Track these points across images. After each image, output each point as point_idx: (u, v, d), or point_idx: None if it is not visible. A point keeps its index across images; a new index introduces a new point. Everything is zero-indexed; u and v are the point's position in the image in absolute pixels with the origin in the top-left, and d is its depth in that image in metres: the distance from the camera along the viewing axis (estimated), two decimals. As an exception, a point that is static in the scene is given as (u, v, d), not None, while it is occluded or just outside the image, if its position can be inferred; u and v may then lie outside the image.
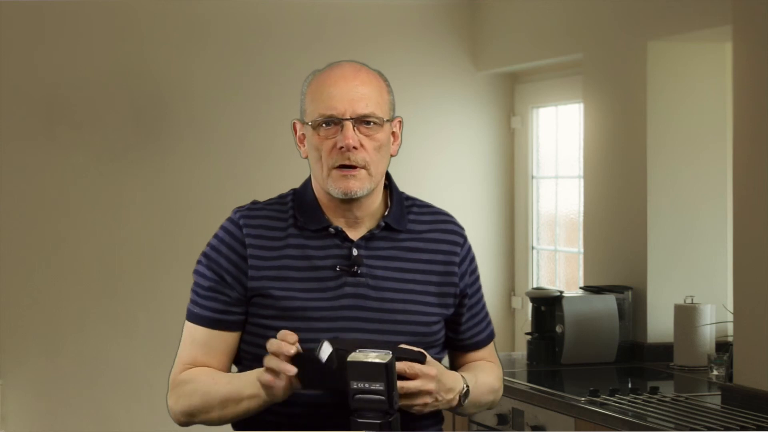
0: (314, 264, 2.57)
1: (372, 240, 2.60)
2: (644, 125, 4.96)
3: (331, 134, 2.54)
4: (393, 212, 2.63)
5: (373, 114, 2.55)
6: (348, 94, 2.54)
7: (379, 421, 2.32)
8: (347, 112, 2.53)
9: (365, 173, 2.55)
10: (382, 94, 2.59)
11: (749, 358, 3.98)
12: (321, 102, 2.55)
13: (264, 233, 2.59)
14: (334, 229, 2.59)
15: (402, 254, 2.61)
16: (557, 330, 4.83)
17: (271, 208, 2.64)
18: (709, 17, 4.61)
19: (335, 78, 2.57)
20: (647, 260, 4.94)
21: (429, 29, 6.15)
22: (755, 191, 3.97)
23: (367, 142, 2.55)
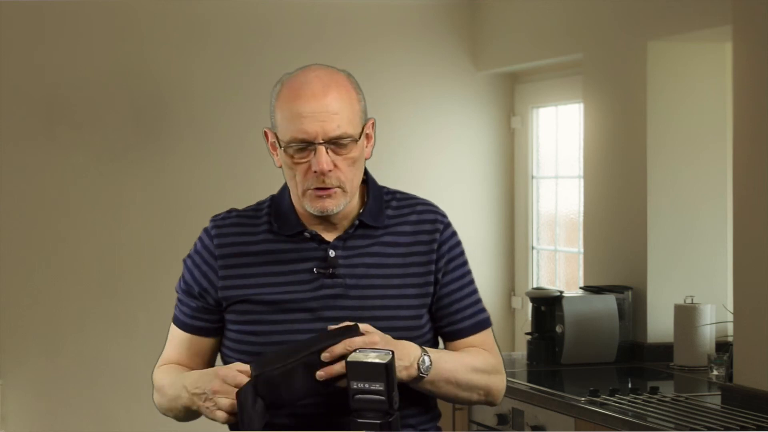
0: (292, 268, 2.56)
1: (349, 239, 2.58)
2: (644, 125, 4.96)
3: (304, 157, 2.50)
4: (368, 209, 2.60)
5: (345, 134, 2.50)
6: (319, 115, 2.48)
7: (379, 421, 2.32)
8: (319, 136, 2.48)
9: (340, 191, 2.52)
10: (353, 107, 2.53)
11: (749, 358, 3.98)
12: (292, 124, 2.50)
13: (237, 240, 2.59)
14: (309, 233, 2.57)
15: (381, 250, 2.58)
16: (557, 330, 4.83)
17: (246, 214, 2.63)
18: (709, 17, 4.61)
19: (305, 96, 2.49)
20: (647, 260, 4.94)
21: (429, 29, 6.15)
22: (755, 191, 3.97)
23: (340, 162, 2.51)
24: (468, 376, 2.57)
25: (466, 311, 2.65)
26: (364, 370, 2.31)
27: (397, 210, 2.64)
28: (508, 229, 6.24)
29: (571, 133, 5.83)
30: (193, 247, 2.65)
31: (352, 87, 2.55)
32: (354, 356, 2.32)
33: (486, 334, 2.68)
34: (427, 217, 2.64)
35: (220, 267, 2.58)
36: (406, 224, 2.62)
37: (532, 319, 4.96)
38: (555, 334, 4.85)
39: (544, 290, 5.03)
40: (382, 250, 2.59)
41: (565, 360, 4.82)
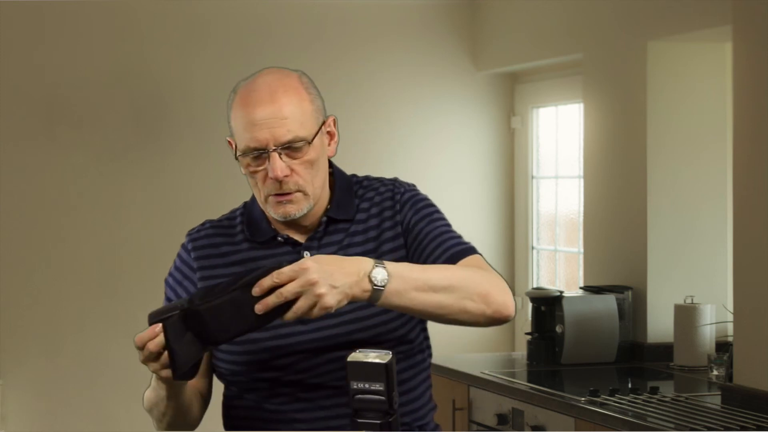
0: None
1: (323, 237, 2.55)
2: (644, 125, 4.96)
3: (260, 165, 2.48)
4: (335, 204, 2.56)
5: (297, 138, 2.46)
6: (267, 122, 2.45)
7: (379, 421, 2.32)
8: (270, 142, 2.45)
9: (300, 195, 2.49)
10: (303, 109, 2.48)
11: (749, 358, 3.98)
12: (244, 133, 2.48)
13: (213, 252, 2.58)
14: (282, 237, 2.55)
15: (353, 241, 2.55)
16: (557, 330, 4.83)
17: (221, 224, 2.62)
18: (709, 17, 4.61)
19: (253, 103, 2.47)
20: (647, 260, 4.94)
21: (429, 29, 6.15)
22: (755, 191, 3.97)
23: (297, 165, 2.48)
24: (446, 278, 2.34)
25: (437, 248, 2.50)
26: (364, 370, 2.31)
27: (362, 197, 2.60)
28: (508, 229, 6.24)
29: (571, 133, 5.83)
30: (173, 265, 2.66)
31: (303, 88, 2.51)
32: (354, 356, 2.32)
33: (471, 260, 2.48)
34: (387, 194, 2.59)
35: (199, 279, 2.58)
36: (373, 207, 2.58)
37: (532, 319, 4.96)
38: (555, 334, 4.85)
39: (544, 290, 5.03)
40: (351, 240, 2.55)
41: (565, 360, 4.82)
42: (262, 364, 2.51)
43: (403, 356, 2.55)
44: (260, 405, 2.54)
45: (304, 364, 2.50)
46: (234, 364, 2.54)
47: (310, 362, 2.50)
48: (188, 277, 2.61)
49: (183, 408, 2.52)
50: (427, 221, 2.54)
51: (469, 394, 4.72)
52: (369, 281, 2.26)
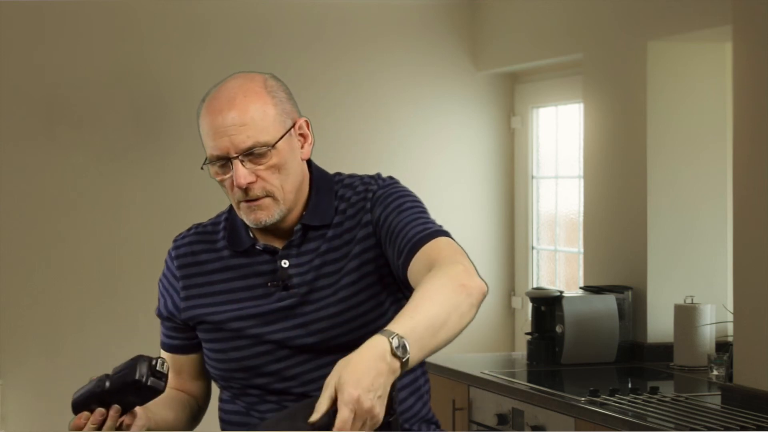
0: (248, 283, 2.52)
1: (302, 244, 2.50)
2: (644, 125, 4.96)
3: (227, 172, 2.47)
4: (311, 209, 2.51)
5: (257, 143, 2.42)
6: (226, 130, 2.43)
7: None
8: (230, 150, 2.44)
9: (270, 200, 2.45)
10: (265, 114, 2.43)
11: (749, 358, 3.98)
12: (207, 141, 2.49)
13: (195, 260, 2.57)
14: (260, 246, 2.52)
15: (330, 245, 2.49)
16: (557, 330, 4.83)
17: (205, 230, 2.61)
18: (709, 17, 4.61)
19: (213, 112, 2.47)
20: (647, 260, 4.94)
21: (429, 29, 6.15)
22: (755, 191, 3.97)
23: (262, 171, 2.44)
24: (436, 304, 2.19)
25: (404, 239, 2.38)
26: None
27: (342, 198, 2.53)
28: (508, 229, 6.24)
29: (571, 133, 5.83)
30: (162, 273, 2.66)
31: (266, 92, 2.46)
32: None
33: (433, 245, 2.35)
34: (362, 194, 2.51)
35: (181, 288, 2.57)
36: (348, 209, 2.51)
37: (532, 319, 4.96)
38: (555, 334, 4.85)
39: (544, 290, 5.03)
40: (329, 245, 2.49)
41: (565, 360, 4.82)
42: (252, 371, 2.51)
43: None
44: (254, 407, 2.54)
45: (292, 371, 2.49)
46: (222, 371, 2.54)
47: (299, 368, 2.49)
48: (172, 285, 2.61)
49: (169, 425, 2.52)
50: (396, 213, 2.44)
51: (469, 394, 4.72)
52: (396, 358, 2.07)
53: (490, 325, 6.14)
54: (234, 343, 2.50)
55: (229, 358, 2.51)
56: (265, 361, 2.49)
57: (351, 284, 2.47)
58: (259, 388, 2.51)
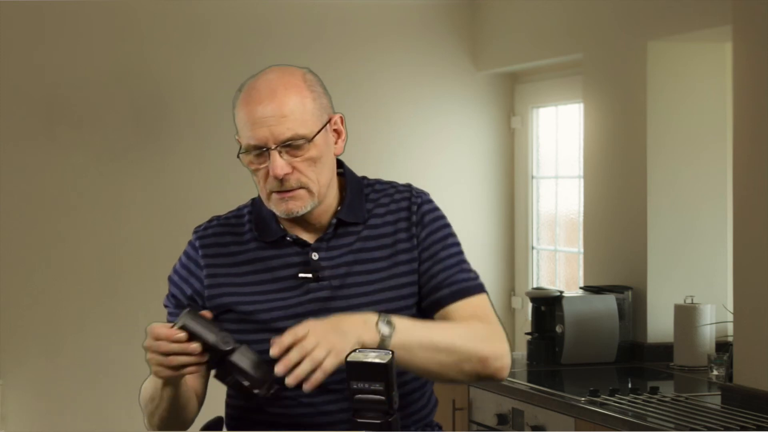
0: (277, 275, 2.53)
1: (331, 239, 2.54)
2: (644, 125, 4.96)
3: (262, 162, 2.49)
4: (346, 206, 2.56)
5: (296, 135, 2.46)
6: (267, 120, 2.46)
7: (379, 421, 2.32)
8: (269, 141, 2.46)
9: (303, 192, 2.49)
10: (304, 107, 2.48)
11: (749, 358, 3.98)
12: (245, 131, 2.49)
13: (221, 251, 2.57)
14: (291, 237, 2.55)
15: (363, 245, 2.54)
16: (557, 330, 4.83)
17: (229, 222, 2.61)
18: (709, 17, 4.61)
19: (254, 102, 2.48)
20: (647, 260, 4.94)
21: (429, 29, 6.15)
22: (755, 191, 3.97)
23: (298, 163, 2.47)
24: (449, 339, 2.41)
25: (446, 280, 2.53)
26: (364, 370, 2.31)
27: (375, 201, 2.59)
28: (508, 229, 6.24)
29: (571, 133, 5.83)
30: (179, 262, 2.65)
31: (306, 86, 2.51)
32: (353, 356, 2.32)
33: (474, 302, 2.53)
34: (403, 203, 2.59)
35: (206, 276, 2.57)
36: (388, 214, 2.57)
37: (532, 319, 4.96)
38: (555, 334, 4.85)
39: (544, 290, 5.03)
40: (365, 245, 2.54)
41: (565, 360, 4.82)
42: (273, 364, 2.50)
43: None
44: (263, 408, 2.54)
45: None
46: None
47: None
48: (194, 274, 2.60)
49: (179, 405, 2.51)
50: (442, 245, 2.55)
51: (469, 394, 4.72)
52: (377, 330, 2.33)
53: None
54: (259, 335, 2.49)
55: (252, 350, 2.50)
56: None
57: (386, 289, 2.52)
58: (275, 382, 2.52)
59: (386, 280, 2.52)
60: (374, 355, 2.32)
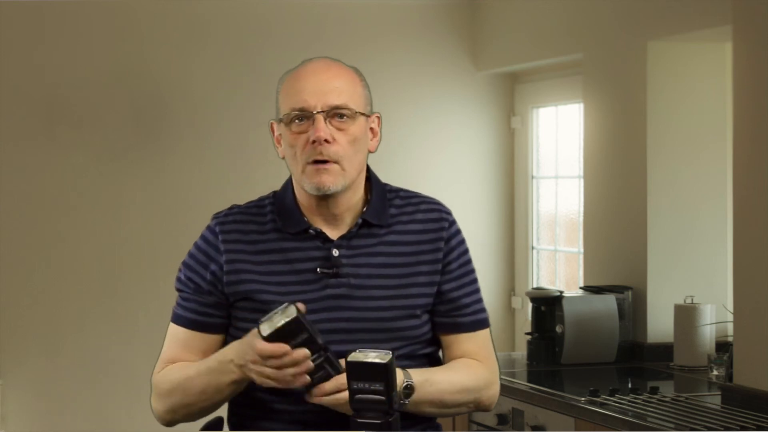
0: (296, 267, 2.55)
1: (353, 238, 2.56)
2: (644, 125, 4.96)
3: (304, 129, 2.52)
4: (372, 207, 2.59)
5: (345, 105, 2.53)
6: (319, 86, 2.53)
7: (379, 421, 2.32)
8: (318, 105, 2.51)
9: (338, 168, 2.52)
10: (355, 88, 2.57)
11: (749, 358, 3.98)
12: (292, 96, 2.54)
13: (241, 238, 2.57)
14: (314, 230, 2.56)
15: (386, 249, 2.57)
16: (557, 330, 4.83)
17: (249, 212, 2.62)
18: (709, 17, 4.61)
19: (307, 73, 2.57)
20: (647, 260, 4.94)
21: (429, 29, 6.15)
22: (755, 191, 3.97)
23: (339, 136, 2.52)
24: (455, 396, 2.56)
25: (468, 308, 2.62)
26: (364, 370, 2.31)
27: (400, 208, 2.63)
28: (508, 229, 6.24)
29: (571, 133, 5.83)
30: (195, 246, 2.64)
31: (358, 75, 2.61)
32: (354, 356, 2.32)
33: (484, 335, 2.66)
34: (433, 215, 2.63)
35: (225, 262, 2.56)
36: (412, 223, 2.61)
37: (532, 319, 4.96)
38: (555, 334, 4.85)
39: (544, 290, 5.03)
40: (386, 249, 2.57)
41: (565, 360, 4.82)
42: None
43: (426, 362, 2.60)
44: (268, 404, 2.54)
45: None
46: None
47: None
48: (213, 259, 2.58)
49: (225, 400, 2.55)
50: (467, 270, 2.63)
51: (469, 394, 4.71)
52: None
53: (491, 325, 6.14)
54: None
55: None
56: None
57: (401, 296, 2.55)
58: None
59: (403, 288, 2.55)
60: (374, 355, 2.32)
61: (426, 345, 2.61)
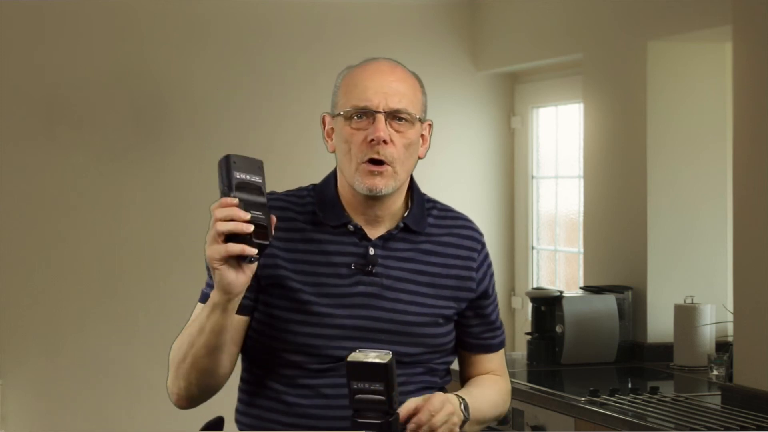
0: (330, 260, 2.56)
1: (390, 240, 2.60)
2: (644, 125, 4.96)
3: (362, 126, 2.54)
4: (413, 213, 2.63)
5: (406, 110, 2.55)
6: (383, 87, 2.55)
7: (379, 421, 2.32)
8: (381, 105, 2.53)
9: (391, 171, 2.55)
10: (416, 93, 2.60)
11: (749, 358, 3.98)
12: (355, 94, 2.55)
13: (279, 224, 2.53)
14: (353, 226, 2.58)
15: (419, 256, 2.61)
16: (557, 330, 4.83)
17: (289, 200, 2.63)
18: (709, 17, 4.61)
19: (371, 72, 2.59)
20: (647, 260, 4.94)
21: (429, 29, 6.15)
22: (755, 191, 3.97)
23: (397, 138, 2.55)
24: (491, 412, 2.69)
25: (494, 330, 2.74)
26: (364, 370, 2.31)
27: (438, 219, 2.68)
28: (508, 229, 6.24)
29: (571, 133, 5.83)
30: None
31: (418, 82, 2.64)
32: (353, 356, 2.32)
33: (503, 353, 2.80)
34: (467, 233, 2.69)
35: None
36: (448, 236, 2.66)
37: (532, 319, 4.96)
38: (555, 334, 4.85)
39: (544, 290, 5.03)
40: (420, 257, 2.61)
41: (565, 360, 4.82)
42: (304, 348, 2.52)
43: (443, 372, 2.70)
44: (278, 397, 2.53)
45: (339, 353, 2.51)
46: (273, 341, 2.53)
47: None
48: None
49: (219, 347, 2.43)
50: (492, 298, 2.73)
51: (469, 394, 4.72)
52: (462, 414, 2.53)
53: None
54: (299, 315, 2.52)
55: (289, 329, 2.52)
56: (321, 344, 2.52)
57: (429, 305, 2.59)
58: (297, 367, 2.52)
59: (430, 297, 2.60)
60: (374, 355, 2.32)
61: (445, 355, 2.67)
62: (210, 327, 2.41)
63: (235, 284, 2.33)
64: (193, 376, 2.48)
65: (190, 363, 2.46)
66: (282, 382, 2.53)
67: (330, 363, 2.52)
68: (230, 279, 2.32)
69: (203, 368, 2.46)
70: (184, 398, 2.52)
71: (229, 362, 2.51)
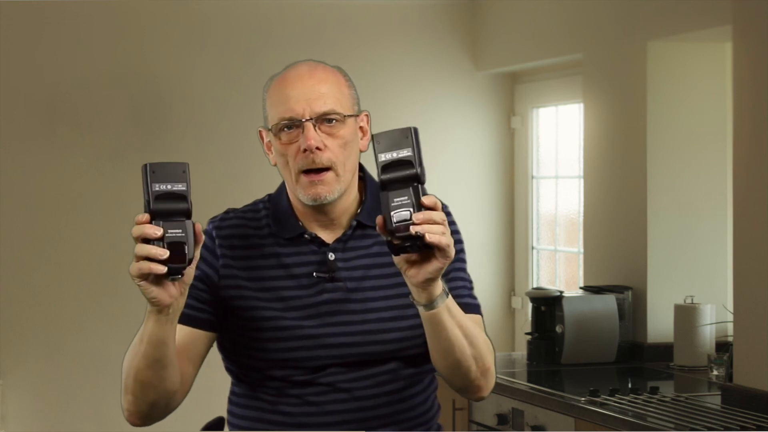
0: (291, 272, 2.52)
1: (348, 241, 2.54)
2: (644, 125, 4.96)
3: (293, 138, 2.48)
4: (366, 208, 2.56)
5: (333, 110, 2.49)
6: (305, 94, 2.48)
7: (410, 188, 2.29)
8: (306, 113, 2.47)
9: (332, 175, 2.48)
10: (341, 90, 2.52)
11: (749, 358, 3.98)
12: (279, 105, 2.49)
13: (237, 243, 2.54)
14: (309, 235, 2.53)
15: (380, 250, 2.53)
16: (557, 330, 4.84)
17: (245, 216, 2.59)
18: (709, 17, 4.61)
19: (291, 79, 2.51)
20: (647, 260, 4.94)
21: (429, 29, 6.15)
22: (755, 191, 3.97)
23: (330, 141, 2.48)
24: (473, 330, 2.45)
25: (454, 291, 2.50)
26: (390, 138, 2.31)
27: None
28: (508, 229, 6.24)
29: (571, 133, 5.83)
30: None
31: (342, 75, 2.56)
32: (378, 133, 2.34)
33: (478, 320, 2.58)
34: None
35: (222, 266, 2.54)
36: None
37: (532, 319, 4.96)
38: (555, 334, 4.85)
39: (544, 290, 5.03)
40: (381, 249, 2.53)
41: (565, 360, 4.82)
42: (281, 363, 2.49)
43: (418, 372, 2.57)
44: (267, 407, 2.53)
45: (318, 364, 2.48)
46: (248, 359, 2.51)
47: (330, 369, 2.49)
48: (210, 264, 2.55)
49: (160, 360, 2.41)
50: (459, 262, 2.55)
51: (469, 394, 4.72)
52: (443, 283, 2.32)
53: (490, 325, 6.12)
54: (267, 333, 2.49)
55: (259, 347, 2.49)
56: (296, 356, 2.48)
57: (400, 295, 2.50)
58: (282, 380, 2.51)
59: (402, 286, 2.48)
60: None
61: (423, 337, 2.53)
62: (147, 337, 2.43)
63: (160, 299, 2.34)
64: (137, 389, 2.46)
65: (134, 375, 2.47)
66: (271, 394, 2.52)
67: (311, 374, 2.49)
68: (153, 294, 2.34)
69: (145, 381, 2.45)
70: (134, 413, 2.48)
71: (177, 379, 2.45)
